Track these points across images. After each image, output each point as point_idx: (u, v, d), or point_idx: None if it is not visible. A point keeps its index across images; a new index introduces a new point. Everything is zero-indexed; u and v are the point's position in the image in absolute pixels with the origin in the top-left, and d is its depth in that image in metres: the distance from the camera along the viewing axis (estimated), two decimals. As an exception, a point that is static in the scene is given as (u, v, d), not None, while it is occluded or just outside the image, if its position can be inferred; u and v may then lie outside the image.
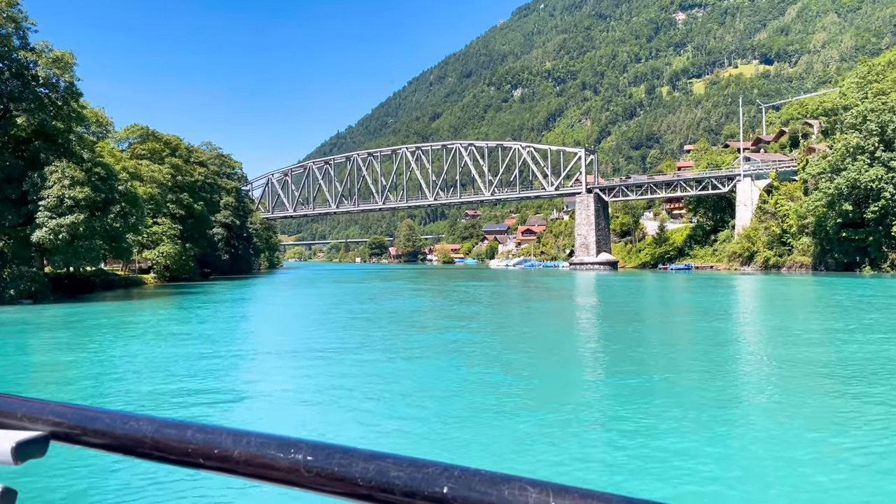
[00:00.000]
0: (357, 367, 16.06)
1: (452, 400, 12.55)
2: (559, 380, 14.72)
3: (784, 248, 77.63)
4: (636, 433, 9.76)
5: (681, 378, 14.24)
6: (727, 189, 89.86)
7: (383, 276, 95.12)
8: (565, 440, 9.47)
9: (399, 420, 10.97)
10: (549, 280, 73.42)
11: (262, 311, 35.58)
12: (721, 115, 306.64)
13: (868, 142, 65.00)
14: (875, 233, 66.07)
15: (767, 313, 32.07)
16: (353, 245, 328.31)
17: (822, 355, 17.38)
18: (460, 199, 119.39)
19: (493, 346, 20.19)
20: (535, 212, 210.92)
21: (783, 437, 9.65)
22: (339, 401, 12.30)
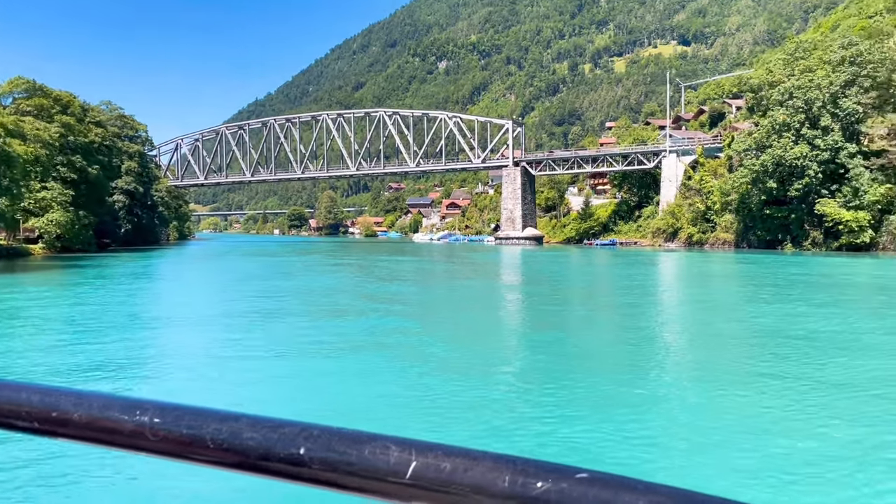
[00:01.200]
0: (248, 371, 12.49)
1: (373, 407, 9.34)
2: (480, 362, 13.53)
3: (708, 225, 77.68)
4: (554, 406, 9.63)
5: (606, 354, 14.17)
6: (652, 165, 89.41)
7: (301, 249, 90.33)
8: (480, 420, 9.12)
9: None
10: (475, 255, 70.83)
11: (150, 290, 31.04)
12: (641, 93, 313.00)
13: (794, 119, 64.96)
14: (797, 210, 66.45)
15: (690, 288, 32.21)
16: (271, 216, 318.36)
17: (740, 327, 18.11)
18: (384, 169, 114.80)
19: (416, 334, 17.02)
20: (459, 185, 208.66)
21: (702, 403, 10.03)
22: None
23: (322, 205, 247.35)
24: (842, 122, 63.16)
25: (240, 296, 26.21)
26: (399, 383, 11.42)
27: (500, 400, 9.98)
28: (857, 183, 61.27)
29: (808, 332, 16.59)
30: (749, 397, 10.28)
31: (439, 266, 51.19)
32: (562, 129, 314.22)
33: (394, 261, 56.95)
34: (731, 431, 8.53)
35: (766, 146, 66.79)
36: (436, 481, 0.61)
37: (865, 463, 7.47)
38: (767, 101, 69.02)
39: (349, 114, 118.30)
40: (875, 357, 13.47)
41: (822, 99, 63.62)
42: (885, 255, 58.53)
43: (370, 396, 10.57)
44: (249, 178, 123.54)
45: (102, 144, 76.19)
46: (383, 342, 15.70)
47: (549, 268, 48.82)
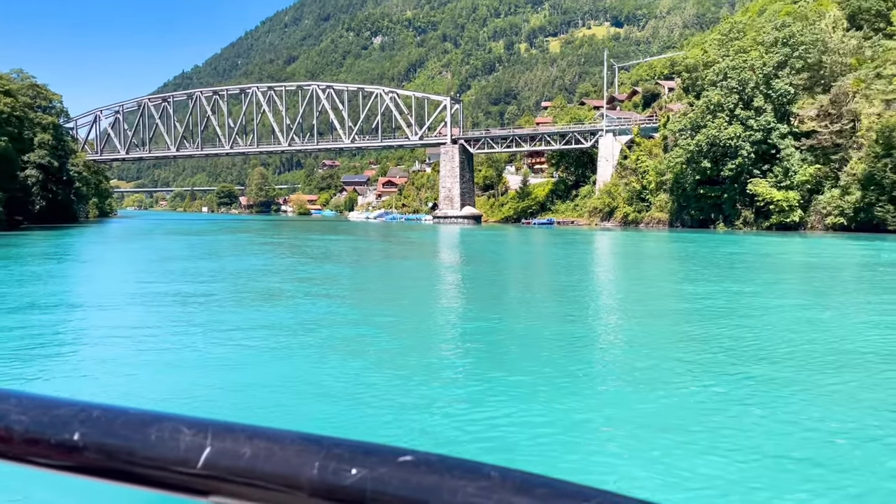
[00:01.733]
0: (154, 363, 10.69)
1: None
2: (416, 350, 12.53)
3: (643, 205, 78.27)
4: (488, 396, 9.14)
5: (545, 339, 13.37)
6: (589, 144, 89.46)
7: (231, 227, 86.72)
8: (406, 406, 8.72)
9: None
10: (412, 234, 69.26)
11: (59, 271, 28.22)
12: (575, 74, 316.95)
13: (728, 99, 65.62)
14: (730, 190, 67.44)
15: (629, 267, 32.50)
16: (199, 193, 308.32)
17: (679, 306, 18.32)
18: (317, 145, 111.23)
19: (350, 321, 15.51)
20: (396, 163, 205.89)
21: (640, 389, 9.64)
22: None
23: (253, 182, 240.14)
24: (774, 103, 64.17)
25: (157, 278, 23.92)
26: (327, 375, 10.33)
27: (434, 392, 9.33)
28: (788, 163, 62.50)
29: (748, 309, 16.68)
30: (688, 378, 10.04)
31: (376, 245, 49.46)
32: (498, 108, 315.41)
33: (328, 240, 54.83)
34: (664, 415, 8.27)
35: (700, 126, 67.36)
36: (233, 471, 0.50)
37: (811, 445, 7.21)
38: (702, 82, 69.53)
39: (280, 87, 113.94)
40: (817, 333, 13.49)
41: (755, 80, 64.42)
42: (812, 234, 60.02)
43: (293, 390, 9.54)
44: (175, 152, 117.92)
45: (12, 115, 70.62)
46: (313, 330, 14.11)
47: (487, 247, 47.78)
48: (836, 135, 60.66)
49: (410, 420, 8.05)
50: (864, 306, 17.79)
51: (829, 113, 61.29)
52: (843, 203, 59.51)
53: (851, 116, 59.88)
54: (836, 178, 61.39)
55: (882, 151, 55.19)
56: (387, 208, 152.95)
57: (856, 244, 45.82)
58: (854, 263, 32.63)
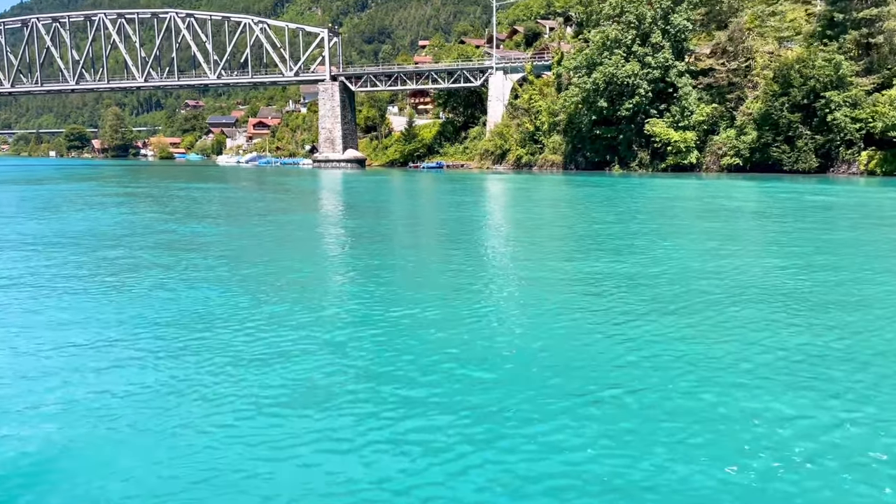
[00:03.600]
0: None
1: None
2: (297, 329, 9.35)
3: (536, 147, 75.32)
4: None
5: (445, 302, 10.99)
6: (479, 83, 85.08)
7: (80, 174, 75.83)
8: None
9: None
10: (292, 180, 62.72)
11: None
12: (450, 13, 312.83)
13: (625, 35, 62.99)
14: (626, 131, 65.55)
15: (528, 213, 30.53)
16: (46, 136, 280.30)
17: (559, 248, 18.09)
18: (178, 81, 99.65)
19: (219, 295, 11.22)
20: (266, 103, 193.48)
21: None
22: None
23: (107, 123, 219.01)
24: (672, 40, 62.17)
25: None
26: (181, 364, 7.68)
27: (315, 379, 7.23)
28: (686, 103, 61.04)
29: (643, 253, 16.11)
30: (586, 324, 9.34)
31: (251, 195, 43.03)
32: (372, 47, 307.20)
33: (195, 189, 47.60)
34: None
35: (596, 64, 64.58)
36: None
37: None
38: (598, 16, 66.52)
39: (132, 14, 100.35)
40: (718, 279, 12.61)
41: (652, 14, 62.02)
42: (708, 176, 59.31)
43: (133, 387, 6.99)
44: (9, 88, 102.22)
45: None
46: (175, 320, 9.71)
47: (377, 196, 43.00)
48: (732, 73, 59.67)
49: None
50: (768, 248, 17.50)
51: (725, 50, 60.07)
52: (739, 143, 58.94)
53: (747, 54, 58.93)
54: (732, 118, 60.69)
55: (779, 90, 54.54)
56: (259, 151, 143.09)
57: (754, 185, 44.77)
58: (757, 204, 30.97)
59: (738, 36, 59.77)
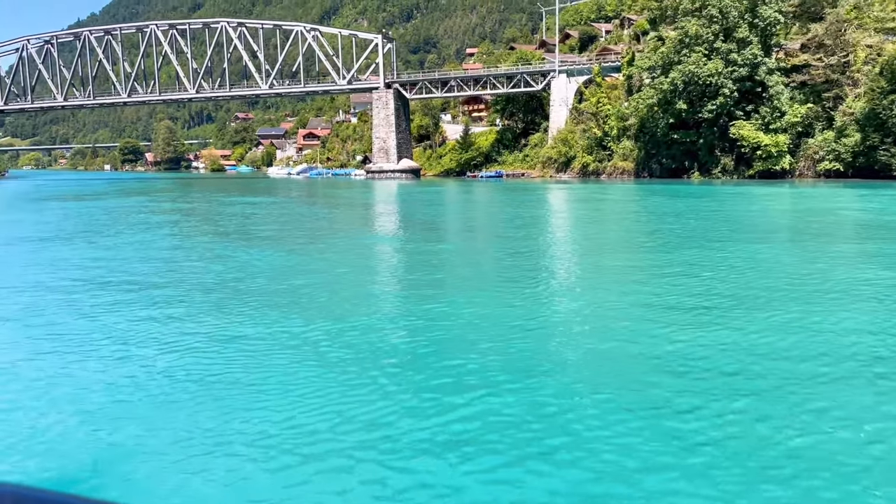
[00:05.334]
0: None
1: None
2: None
3: (605, 154, 70.46)
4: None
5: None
6: (540, 87, 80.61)
7: (133, 188, 73.99)
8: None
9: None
10: (347, 193, 59.27)
11: None
12: (495, 21, 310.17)
13: (707, 31, 57.83)
14: (708, 134, 60.24)
15: (612, 227, 27.12)
16: (102, 151, 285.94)
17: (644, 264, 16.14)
18: (230, 92, 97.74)
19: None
20: (315, 114, 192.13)
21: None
22: None
23: (159, 136, 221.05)
24: (760, 34, 56.76)
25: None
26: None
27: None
28: (777, 102, 55.48)
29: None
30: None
31: (305, 210, 39.54)
32: (417, 57, 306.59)
33: (247, 203, 44.37)
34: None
35: (674, 63, 59.57)
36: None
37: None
38: (674, 12, 61.53)
39: (184, 25, 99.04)
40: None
41: (739, 7, 56.75)
42: (802, 183, 53.67)
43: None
44: (62, 102, 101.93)
45: None
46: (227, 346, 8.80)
47: (439, 208, 39.46)
48: (830, 69, 53.97)
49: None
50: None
51: (821, 44, 54.42)
52: (840, 146, 53.10)
53: (846, 48, 53.23)
54: (830, 119, 54.91)
55: (887, 87, 48.77)
56: (309, 162, 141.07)
57: (871, 193, 39.26)
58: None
59: (835, 28, 54.08)
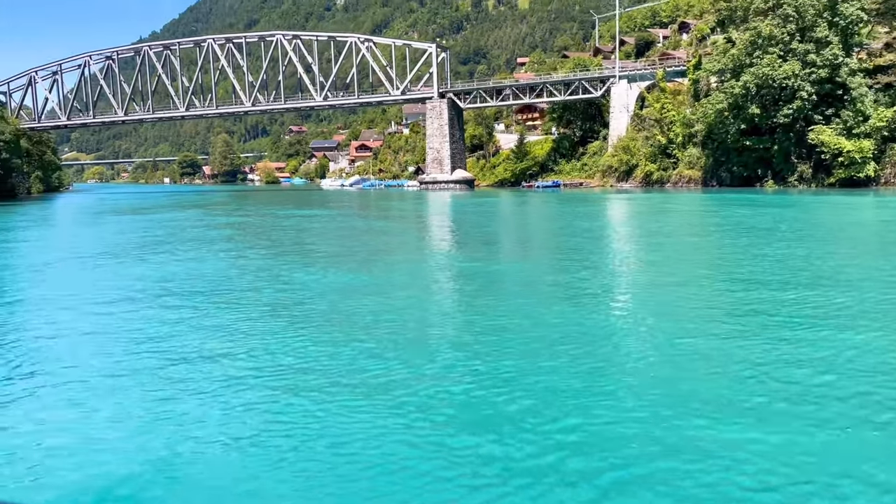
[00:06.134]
0: None
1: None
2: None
3: (669, 161, 67.45)
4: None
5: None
6: (599, 93, 78.06)
7: (190, 201, 74.27)
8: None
9: None
10: (402, 205, 57.85)
11: None
12: (546, 31, 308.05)
13: (782, 30, 54.57)
14: (784, 140, 56.77)
15: (686, 238, 25.44)
16: (162, 164, 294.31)
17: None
18: (285, 104, 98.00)
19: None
20: (367, 126, 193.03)
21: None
22: None
23: (216, 149, 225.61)
24: (841, 34, 53.22)
25: (30, 311, 12.48)
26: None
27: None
28: (861, 105, 51.81)
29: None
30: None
31: (360, 223, 38.14)
32: (467, 67, 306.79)
33: (302, 217, 43.30)
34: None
35: (746, 66, 56.43)
36: None
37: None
38: (745, 12, 58.39)
39: (240, 38, 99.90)
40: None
41: (817, 5, 53.37)
42: (888, 192, 49.86)
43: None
44: (123, 117, 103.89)
45: None
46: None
47: (502, 219, 37.81)
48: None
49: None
50: None
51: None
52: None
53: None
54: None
55: None
56: (362, 174, 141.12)
57: None
58: None
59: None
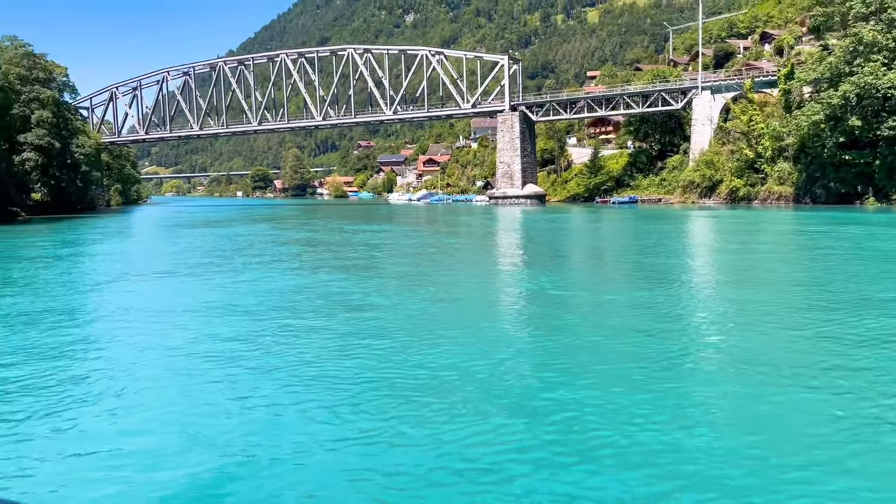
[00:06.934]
0: None
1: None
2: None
3: (757, 177, 63.46)
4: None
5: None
6: (680, 105, 74.57)
7: (260, 215, 74.45)
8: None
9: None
10: (473, 220, 55.88)
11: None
12: (615, 44, 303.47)
13: (886, 37, 50.42)
14: (888, 155, 52.32)
15: (800, 268, 21.45)
16: (235, 178, 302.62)
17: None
18: (355, 118, 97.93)
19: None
20: (434, 140, 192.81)
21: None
22: None
23: (287, 164, 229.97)
24: (956, 38, 48.80)
25: (87, 331, 11.18)
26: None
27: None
28: (980, 116, 47.21)
29: None
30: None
31: (432, 241, 36.34)
32: (535, 82, 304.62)
33: (374, 232, 41.92)
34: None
35: (844, 74, 52.38)
36: None
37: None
38: (844, 18, 54.35)
39: (312, 53, 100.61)
40: None
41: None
42: None
43: None
44: (198, 131, 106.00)
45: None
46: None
47: (582, 238, 35.41)
48: None
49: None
50: None
51: None
52: None
53: None
54: None
55: None
56: (430, 188, 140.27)
57: None
58: None
59: None
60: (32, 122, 70.92)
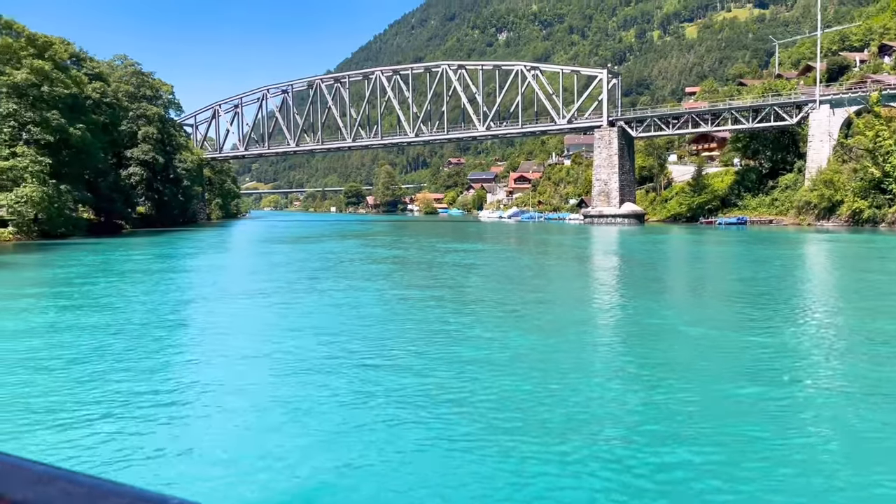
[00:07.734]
0: None
1: None
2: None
3: (884, 198, 57.78)
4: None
5: None
6: (795, 120, 69.37)
7: (352, 231, 74.40)
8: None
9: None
10: (569, 240, 53.25)
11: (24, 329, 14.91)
12: (715, 60, 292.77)
13: None
14: None
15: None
16: (330, 194, 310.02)
17: None
18: (448, 134, 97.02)
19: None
20: (525, 158, 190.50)
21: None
22: None
23: (379, 180, 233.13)
24: None
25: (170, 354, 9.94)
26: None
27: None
28: None
29: None
30: None
31: (531, 261, 34.20)
32: (629, 99, 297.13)
33: (466, 252, 40.15)
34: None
35: None
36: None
37: None
38: None
39: (406, 70, 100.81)
40: None
41: None
42: None
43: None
44: (295, 147, 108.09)
45: (102, 101, 61.22)
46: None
47: (692, 262, 32.45)
48: None
49: None
50: None
51: None
52: None
53: None
54: None
55: None
56: (520, 206, 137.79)
57: None
58: None
59: None
60: (139, 137, 73.74)
